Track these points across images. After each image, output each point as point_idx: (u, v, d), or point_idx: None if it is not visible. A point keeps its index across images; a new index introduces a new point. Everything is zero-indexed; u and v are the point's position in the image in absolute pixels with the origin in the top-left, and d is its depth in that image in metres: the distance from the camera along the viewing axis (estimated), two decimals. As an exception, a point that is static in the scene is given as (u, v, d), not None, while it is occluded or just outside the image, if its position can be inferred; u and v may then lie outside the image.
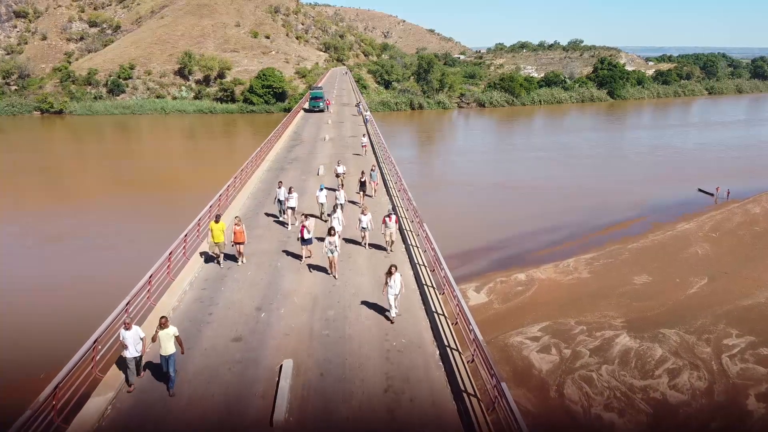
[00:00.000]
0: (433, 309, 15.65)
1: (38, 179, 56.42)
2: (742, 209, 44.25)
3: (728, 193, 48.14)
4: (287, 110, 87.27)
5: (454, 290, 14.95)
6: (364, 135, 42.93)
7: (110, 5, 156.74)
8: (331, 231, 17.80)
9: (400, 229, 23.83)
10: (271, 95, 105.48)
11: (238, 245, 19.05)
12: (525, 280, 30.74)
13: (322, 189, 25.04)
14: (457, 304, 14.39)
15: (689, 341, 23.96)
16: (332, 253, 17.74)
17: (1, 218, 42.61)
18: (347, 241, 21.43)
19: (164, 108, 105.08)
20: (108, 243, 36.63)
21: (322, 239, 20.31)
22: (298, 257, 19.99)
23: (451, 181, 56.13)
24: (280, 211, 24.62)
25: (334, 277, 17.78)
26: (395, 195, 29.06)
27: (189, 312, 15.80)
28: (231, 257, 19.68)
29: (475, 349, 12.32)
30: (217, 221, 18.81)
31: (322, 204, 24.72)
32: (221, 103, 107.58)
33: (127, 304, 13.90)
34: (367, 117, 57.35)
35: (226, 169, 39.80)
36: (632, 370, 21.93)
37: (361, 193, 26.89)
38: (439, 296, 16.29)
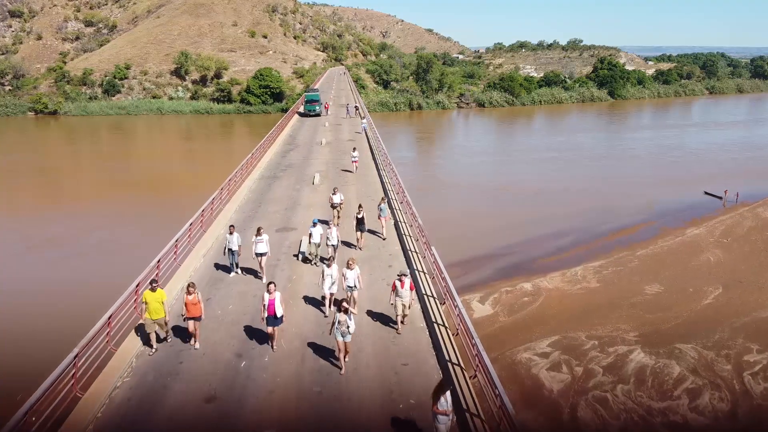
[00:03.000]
0: (447, 357, 13.06)
1: (33, 181, 55.23)
2: (752, 213, 42.98)
3: (737, 195, 46.87)
4: (285, 110, 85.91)
5: (473, 338, 12.23)
6: (354, 149, 36.17)
7: (106, 5, 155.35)
8: (341, 305, 12.82)
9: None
10: (268, 95, 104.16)
11: (191, 321, 13.79)
12: (531, 290, 29.42)
13: (315, 224, 19.37)
14: (477, 354, 11.90)
15: (708, 357, 22.66)
16: (344, 336, 12.69)
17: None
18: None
19: (160, 108, 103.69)
20: (106, 247, 35.35)
21: (316, 301, 16.57)
22: (294, 281, 16.81)
23: (451, 183, 54.81)
24: (232, 265, 18.58)
25: (340, 371, 12.87)
26: (402, 213, 25.16)
27: (156, 360, 13.31)
28: (181, 330, 14.53)
29: (502, 418, 10.10)
30: (153, 289, 13.61)
31: (315, 245, 19.33)
32: (218, 103, 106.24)
33: (75, 357, 11.43)
34: (364, 124, 51.53)
35: (223, 170, 38.23)
36: (649, 390, 20.62)
37: (359, 233, 21.21)
38: (452, 337, 13.98)
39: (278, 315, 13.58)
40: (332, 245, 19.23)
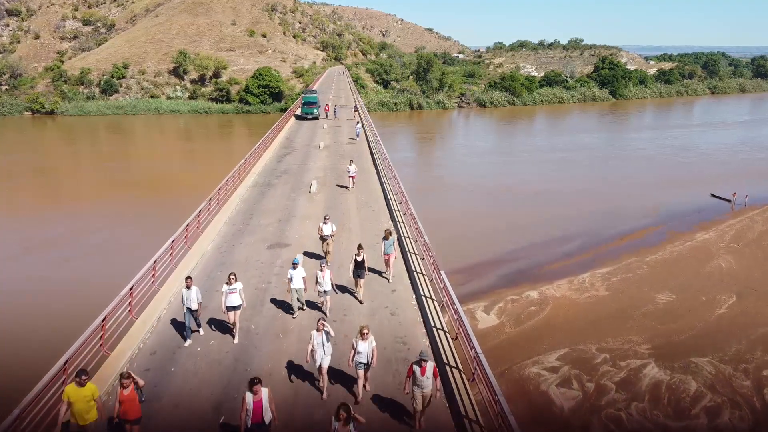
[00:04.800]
0: (463, 412, 11.05)
1: (33, 181, 54.27)
2: (762, 216, 41.92)
3: (746, 198, 45.80)
4: (283, 110, 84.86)
5: (495, 393, 10.30)
6: (351, 162, 31.84)
7: (104, 3, 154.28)
8: (340, 412, 9.27)
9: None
10: (267, 95, 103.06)
11: (129, 425, 10.38)
12: (538, 299, 28.38)
13: (296, 265, 15.46)
14: (500, 412, 10.03)
15: (725, 372, 21.61)
16: None
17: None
18: (334, 372, 12.69)
19: (158, 108, 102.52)
20: (106, 247, 34.44)
21: (307, 370, 12.91)
22: (286, 309, 15.22)
23: (452, 183, 53.75)
24: (188, 330, 14.22)
25: None
26: (406, 226, 22.65)
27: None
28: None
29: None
30: (81, 383, 10.00)
31: (297, 290, 15.49)
32: (216, 103, 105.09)
33: (15, 420, 9.45)
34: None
35: (222, 169, 37.06)
36: (665, 408, 19.57)
37: (358, 279, 16.72)
38: (467, 383, 11.90)
39: (267, 421, 10.08)
40: (324, 291, 15.33)
